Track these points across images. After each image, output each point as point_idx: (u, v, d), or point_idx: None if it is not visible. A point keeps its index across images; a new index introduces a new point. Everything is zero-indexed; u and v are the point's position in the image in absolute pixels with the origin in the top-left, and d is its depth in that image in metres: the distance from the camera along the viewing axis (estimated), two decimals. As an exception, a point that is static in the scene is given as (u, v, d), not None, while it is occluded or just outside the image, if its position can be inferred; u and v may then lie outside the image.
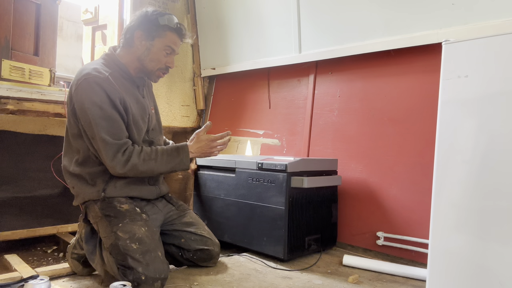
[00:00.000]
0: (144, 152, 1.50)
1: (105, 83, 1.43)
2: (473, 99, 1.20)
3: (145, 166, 1.49)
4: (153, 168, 1.51)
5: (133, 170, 1.48)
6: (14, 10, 2.15)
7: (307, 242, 1.90)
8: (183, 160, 1.56)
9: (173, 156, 1.55)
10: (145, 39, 1.53)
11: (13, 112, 2.06)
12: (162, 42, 1.54)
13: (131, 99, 1.55)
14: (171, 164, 1.55)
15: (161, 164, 1.52)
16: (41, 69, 2.25)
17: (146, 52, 1.54)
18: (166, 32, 1.54)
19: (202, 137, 1.62)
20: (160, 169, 1.53)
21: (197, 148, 1.60)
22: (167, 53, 1.56)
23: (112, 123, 1.45)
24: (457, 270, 1.20)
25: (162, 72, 1.61)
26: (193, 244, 1.66)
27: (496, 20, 1.60)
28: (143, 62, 1.56)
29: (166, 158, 1.53)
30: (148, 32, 1.53)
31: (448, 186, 1.23)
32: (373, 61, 2.09)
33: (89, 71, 1.45)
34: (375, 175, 2.04)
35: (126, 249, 1.38)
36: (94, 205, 1.52)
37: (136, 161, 1.47)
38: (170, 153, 1.55)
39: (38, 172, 2.31)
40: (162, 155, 1.53)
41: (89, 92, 1.42)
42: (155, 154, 1.52)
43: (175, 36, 1.57)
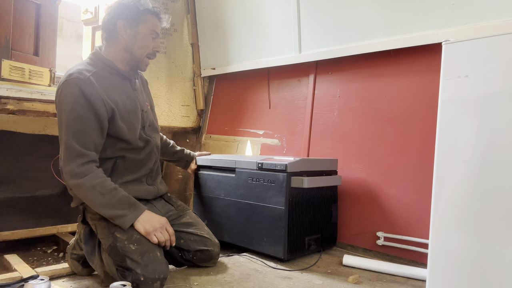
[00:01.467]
0: (102, 181, 1.40)
1: (84, 84, 1.40)
2: (473, 99, 1.20)
3: (88, 193, 1.38)
4: (95, 200, 1.38)
5: (79, 189, 1.39)
6: (14, 10, 2.15)
7: (307, 242, 1.90)
8: (127, 217, 1.40)
9: (122, 207, 1.40)
10: (129, 27, 1.51)
11: (13, 112, 2.06)
12: (146, 27, 1.53)
13: (121, 95, 1.52)
14: (113, 212, 1.39)
15: (105, 204, 1.38)
16: (41, 69, 2.25)
17: (133, 40, 1.52)
18: (148, 16, 1.53)
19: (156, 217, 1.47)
20: (100, 207, 1.39)
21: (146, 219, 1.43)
22: (152, 37, 1.55)
23: (82, 127, 1.39)
24: (457, 270, 1.20)
25: (149, 58, 1.58)
26: (193, 245, 1.66)
27: (496, 20, 1.60)
28: (132, 51, 1.53)
29: (114, 203, 1.39)
30: (131, 19, 1.51)
31: (448, 186, 1.23)
32: (373, 61, 2.09)
33: (71, 72, 1.43)
34: (375, 175, 2.04)
35: (125, 250, 1.37)
36: None
37: (87, 182, 1.37)
38: (124, 201, 1.41)
39: (38, 172, 2.31)
40: (113, 197, 1.39)
41: (66, 94, 1.40)
42: (109, 191, 1.39)
43: (155, 19, 1.56)
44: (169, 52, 2.86)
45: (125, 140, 1.52)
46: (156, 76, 2.77)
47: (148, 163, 1.64)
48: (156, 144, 1.70)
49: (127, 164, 1.56)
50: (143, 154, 1.61)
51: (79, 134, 1.39)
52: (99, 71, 1.49)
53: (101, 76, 1.48)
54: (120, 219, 1.40)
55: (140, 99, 1.63)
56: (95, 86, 1.43)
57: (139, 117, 1.59)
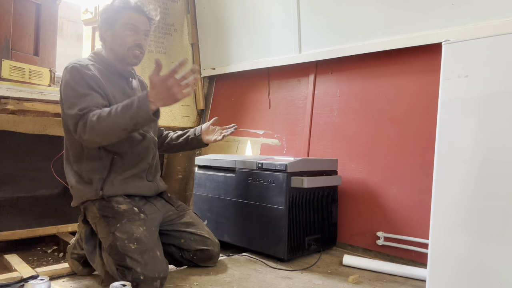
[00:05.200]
0: (99, 111, 1.39)
1: (83, 68, 1.48)
2: (473, 99, 1.20)
3: (101, 123, 1.35)
4: (110, 123, 1.35)
5: (93, 131, 1.37)
6: (14, 10, 2.15)
7: (307, 242, 1.90)
8: (141, 107, 1.32)
9: (129, 107, 1.35)
10: (109, 28, 1.57)
11: (13, 112, 2.06)
12: (121, 23, 1.55)
13: (117, 90, 1.57)
14: (129, 115, 1.33)
15: (117, 117, 1.34)
16: (41, 69, 2.25)
17: (113, 39, 1.57)
18: (122, 12, 1.55)
19: (154, 82, 1.33)
20: (118, 122, 1.35)
21: (155, 94, 1.33)
22: (130, 31, 1.55)
23: (83, 100, 1.42)
24: (457, 270, 1.20)
25: (133, 51, 1.56)
26: (193, 245, 1.66)
27: (496, 20, 1.60)
28: (114, 50, 1.58)
29: (121, 109, 1.35)
30: (108, 21, 1.57)
31: (448, 186, 1.23)
32: (373, 61, 2.09)
33: (71, 62, 1.51)
34: (375, 175, 2.04)
35: (125, 249, 1.38)
36: (92, 206, 1.52)
37: (92, 120, 1.36)
38: (125, 104, 1.36)
39: (38, 172, 2.31)
40: (117, 109, 1.36)
41: (67, 78, 1.47)
42: (109, 110, 1.38)
43: (131, 13, 1.56)
44: (169, 52, 2.86)
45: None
46: (156, 76, 2.77)
47: (146, 157, 1.65)
48: (153, 139, 1.70)
49: (125, 159, 1.57)
50: (140, 148, 1.62)
51: (80, 104, 1.41)
52: (98, 66, 1.55)
53: (99, 69, 1.54)
54: (139, 114, 1.33)
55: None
56: (93, 71, 1.50)
57: None
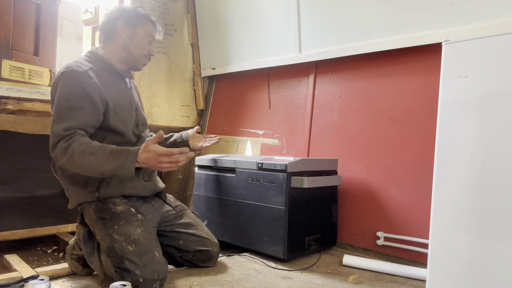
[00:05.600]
0: (87, 144, 1.35)
1: (81, 76, 1.43)
2: (473, 99, 1.20)
3: (82, 159, 1.33)
4: (91, 163, 1.33)
5: (71, 161, 1.34)
6: (14, 10, 2.15)
7: (307, 242, 1.90)
8: (127, 164, 1.33)
9: (117, 156, 1.34)
10: (128, 27, 1.58)
11: (13, 112, 2.07)
12: (144, 30, 1.60)
13: (116, 91, 1.55)
14: (112, 165, 1.34)
15: (101, 161, 1.33)
16: (41, 69, 2.25)
17: (130, 39, 1.58)
18: (146, 21, 1.61)
19: (149, 148, 1.36)
20: (100, 166, 1.34)
21: (144, 158, 1.35)
22: (149, 40, 1.62)
23: (72, 114, 1.38)
24: (457, 270, 1.20)
25: (146, 60, 1.64)
26: (192, 245, 1.66)
27: (496, 20, 1.60)
28: (129, 50, 1.59)
29: (108, 156, 1.34)
30: (130, 21, 1.58)
31: (448, 186, 1.23)
32: (373, 61, 2.09)
33: (69, 65, 1.47)
34: (375, 175, 2.04)
35: (123, 251, 1.37)
36: (89, 208, 1.50)
37: (74, 150, 1.33)
38: (115, 152, 1.35)
39: (38, 172, 2.31)
40: (104, 152, 1.34)
41: (63, 86, 1.42)
42: (96, 149, 1.34)
43: (152, 26, 1.64)
44: (169, 52, 2.86)
45: (119, 133, 1.53)
46: (156, 76, 2.77)
47: None
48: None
49: None
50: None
51: (69, 121, 1.38)
52: (96, 68, 1.52)
53: (97, 72, 1.51)
54: (123, 168, 1.34)
55: (135, 98, 1.67)
56: (93, 78, 1.46)
57: (133, 114, 1.61)
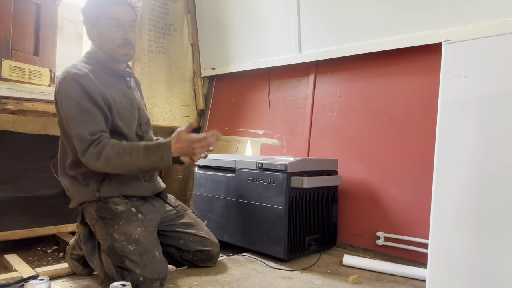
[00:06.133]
0: (120, 145, 1.42)
1: (83, 79, 1.43)
2: (473, 99, 1.20)
3: (118, 160, 1.40)
4: (129, 162, 1.41)
5: (107, 163, 1.40)
6: (14, 10, 2.15)
7: (307, 242, 1.90)
8: (163, 156, 1.42)
9: (152, 152, 1.43)
10: (93, 27, 1.52)
11: (13, 112, 2.06)
12: (104, 19, 1.50)
13: (117, 93, 1.53)
14: (150, 160, 1.42)
15: (138, 159, 1.41)
16: (41, 69, 2.25)
17: (99, 38, 1.53)
18: (103, 8, 1.50)
19: (182, 137, 1.45)
20: (137, 164, 1.42)
21: (178, 147, 1.44)
22: (114, 26, 1.50)
23: (89, 118, 1.42)
24: (457, 270, 1.20)
25: (123, 48, 1.52)
26: (192, 245, 1.66)
27: (496, 20, 1.60)
28: (103, 49, 1.54)
29: (144, 153, 1.42)
30: (92, 18, 1.51)
31: (448, 186, 1.23)
32: (373, 61, 2.09)
33: (68, 69, 1.46)
34: (375, 175, 2.04)
35: (123, 251, 1.37)
36: (90, 207, 1.51)
37: (109, 153, 1.39)
38: (149, 148, 1.43)
39: (38, 172, 2.31)
40: (139, 150, 1.42)
41: (68, 90, 1.43)
42: (130, 149, 1.42)
43: (112, 6, 1.50)
44: (169, 52, 2.86)
45: (122, 134, 1.52)
46: (156, 76, 2.77)
47: None
48: (151, 139, 1.69)
49: None
50: None
51: (89, 124, 1.42)
52: (95, 70, 1.51)
53: (97, 74, 1.50)
54: (160, 162, 1.43)
55: (136, 98, 1.65)
56: (94, 81, 1.46)
57: (136, 114, 1.60)
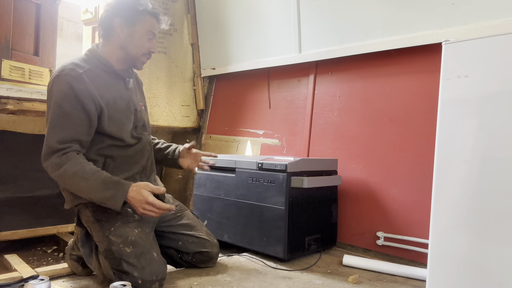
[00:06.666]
0: (81, 166, 1.34)
1: (75, 81, 1.37)
2: (473, 99, 1.20)
3: (72, 181, 1.33)
4: (81, 188, 1.34)
5: (62, 179, 1.35)
6: (14, 10, 2.15)
7: (307, 242, 1.90)
8: (116, 197, 1.32)
9: (107, 187, 1.33)
10: (126, 25, 1.48)
11: (13, 112, 2.07)
12: (143, 27, 1.50)
13: (113, 94, 1.49)
14: (102, 195, 1.33)
15: (92, 188, 1.33)
16: (41, 69, 2.25)
17: (129, 38, 1.49)
18: (146, 16, 1.50)
19: (142, 192, 1.34)
20: (89, 193, 1.35)
21: (131, 197, 1.33)
22: (149, 38, 1.52)
23: (65, 123, 1.37)
24: (457, 270, 1.20)
25: (146, 58, 1.56)
26: (192, 247, 1.65)
27: (496, 20, 1.60)
28: (127, 50, 1.51)
29: (100, 185, 1.33)
30: (128, 18, 1.48)
31: (448, 186, 1.23)
32: (373, 61, 2.09)
33: (63, 68, 1.42)
34: (375, 175, 2.04)
35: (120, 253, 1.36)
36: (86, 209, 1.48)
37: (67, 170, 1.32)
38: (107, 182, 1.34)
39: (38, 172, 2.31)
40: (96, 180, 1.33)
41: (56, 91, 1.39)
42: (90, 175, 1.33)
43: (154, 20, 1.53)
44: (169, 52, 2.86)
45: (115, 137, 1.48)
46: (156, 76, 2.77)
47: (140, 160, 1.59)
48: (149, 141, 1.64)
49: (117, 162, 1.51)
50: (134, 151, 1.56)
51: (62, 131, 1.37)
52: (93, 68, 1.46)
53: (94, 73, 1.45)
54: (111, 200, 1.33)
55: (134, 99, 1.60)
56: (87, 83, 1.40)
57: (131, 117, 1.55)
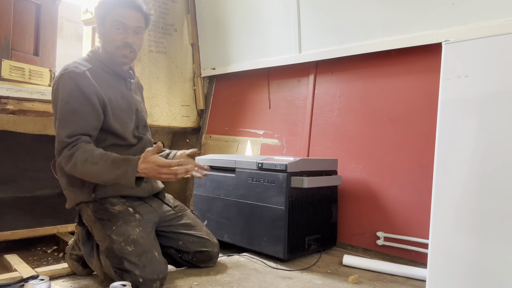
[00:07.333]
0: (90, 153, 1.36)
1: (79, 77, 1.41)
2: (473, 99, 1.20)
3: (84, 167, 1.35)
4: (94, 172, 1.35)
5: (75, 169, 1.37)
6: (14, 10, 2.15)
7: (307, 242, 1.90)
8: (128, 173, 1.33)
9: (118, 166, 1.35)
10: (100, 25, 1.52)
11: (13, 112, 2.06)
12: (110, 20, 1.49)
13: (115, 93, 1.52)
14: (114, 174, 1.34)
15: (103, 170, 1.34)
16: (41, 69, 2.25)
17: (103, 37, 1.51)
18: (112, 9, 1.49)
19: (149, 159, 1.35)
20: (101, 175, 1.36)
21: (144, 168, 1.34)
22: (117, 28, 1.48)
23: (73, 118, 1.39)
24: (457, 270, 1.20)
25: (122, 51, 1.50)
26: (192, 247, 1.66)
27: (496, 20, 1.60)
28: (105, 48, 1.52)
29: (110, 165, 1.34)
30: (100, 19, 1.51)
31: (448, 186, 1.23)
32: (373, 61, 2.09)
33: (66, 67, 1.45)
34: (375, 175, 2.04)
35: (122, 252, 1.36)
36: (87, 208, 1.49)
37: (78, 158, 1.35)
38: (116, 161, 1.36)
39: (38, 172, 2.31)
40: (106, 161, 1.35)
41: (62, 88, 1.42)
42: (99, 159, 1.35)
43: (121, 9, 1.48)
44: (169, 52, 2.86)
45: (118, 136, 1.51)
46: (156, 76, 2.77)
47: None
48: (149, 141, 1.67)
49: None
50: (135, 150, 1.57)
51: (71, 125, 1.39)
52: (95, 68, 1.50)
53: (96, 73, 1.48)
54: (123, 178, 1.34)
55: (135, 99, 1.63)
56: (90, 79, 1.44)
57: (133, 116, 1.58)
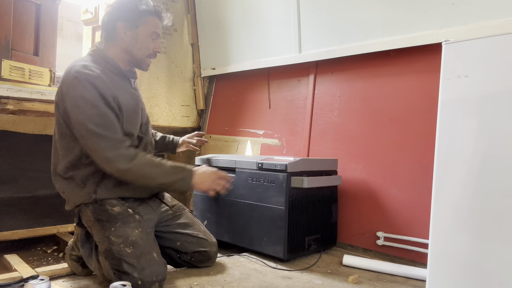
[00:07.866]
0: (150, 157, 1.48)
1: (97, 81, 1.39)
2: (473, 99, 1.20)
3: (144, 170, 1.44)
4: (156, 174, 1.45)
5: (137, 169, 1.43)
6: (14, 10, 2.15)
7: (307, 242, 1.90)
8: (186, 179, 1.50)
9: (177, 171, 1.50)
10: (129, 29, 1.49)
11: (13, 112, 2.06)
12: (146, 28, 1.51)
13: (125, 94, 1.51)
14: (173, 178, 1.48)
15: (163, 174, 1.46)
16: (41, 69, 2.25)
17: (133, 42, 1.50)
18: (148, 17, 1.51)
19: (207, 171, 1.56)
20: (160, 178, 1.47)
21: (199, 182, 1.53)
22: (153, 38, 1.54)
23: (108, 120, 1.41)
24: (457, 270, 1.20)
25: (150, 59, 1.58)
26: (190, 247, 1.65)
27: (496, 20, 1.60)
28: (132, 53, 1.52)
29: (170, 170, 1.48)
30: (131, 20, 1.48)
31: (448, 186, 1.23)
32: (373, 61, 2.09)
33: (78, 69, 1.40)
34: (375, 175, 2.04)
35: (120, 253, 1.36)
36: (86, 209, 1.48)
37: (142, 160, 1.43)
38: (174, 167, 1.50)
39: (38, 172, 2.31)
40: (165, 165, 1.48)
41: (82, 91, 1.38)
42: (158, 162, 1.47)
43: (156, 19, 1.54)
44: (169, 52, 2.86)
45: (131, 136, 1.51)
46: (156, 76, 2.77)
47: None
48: (150, 141, 1.66)
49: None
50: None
51: (108, 126, 1.40)
52: (104, 69, 1.47)
53: (106, 75, 1.46)
54: (182, 182, 1.49)
55: (141, 98, 1.65)
56: (107, 83, 1.42)
57: (140, 115, 1.59)
